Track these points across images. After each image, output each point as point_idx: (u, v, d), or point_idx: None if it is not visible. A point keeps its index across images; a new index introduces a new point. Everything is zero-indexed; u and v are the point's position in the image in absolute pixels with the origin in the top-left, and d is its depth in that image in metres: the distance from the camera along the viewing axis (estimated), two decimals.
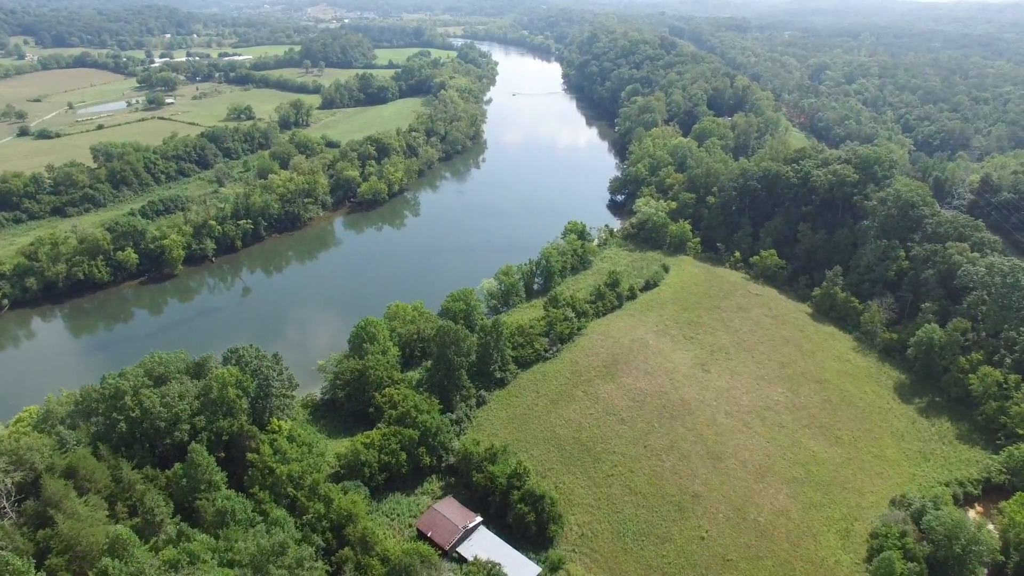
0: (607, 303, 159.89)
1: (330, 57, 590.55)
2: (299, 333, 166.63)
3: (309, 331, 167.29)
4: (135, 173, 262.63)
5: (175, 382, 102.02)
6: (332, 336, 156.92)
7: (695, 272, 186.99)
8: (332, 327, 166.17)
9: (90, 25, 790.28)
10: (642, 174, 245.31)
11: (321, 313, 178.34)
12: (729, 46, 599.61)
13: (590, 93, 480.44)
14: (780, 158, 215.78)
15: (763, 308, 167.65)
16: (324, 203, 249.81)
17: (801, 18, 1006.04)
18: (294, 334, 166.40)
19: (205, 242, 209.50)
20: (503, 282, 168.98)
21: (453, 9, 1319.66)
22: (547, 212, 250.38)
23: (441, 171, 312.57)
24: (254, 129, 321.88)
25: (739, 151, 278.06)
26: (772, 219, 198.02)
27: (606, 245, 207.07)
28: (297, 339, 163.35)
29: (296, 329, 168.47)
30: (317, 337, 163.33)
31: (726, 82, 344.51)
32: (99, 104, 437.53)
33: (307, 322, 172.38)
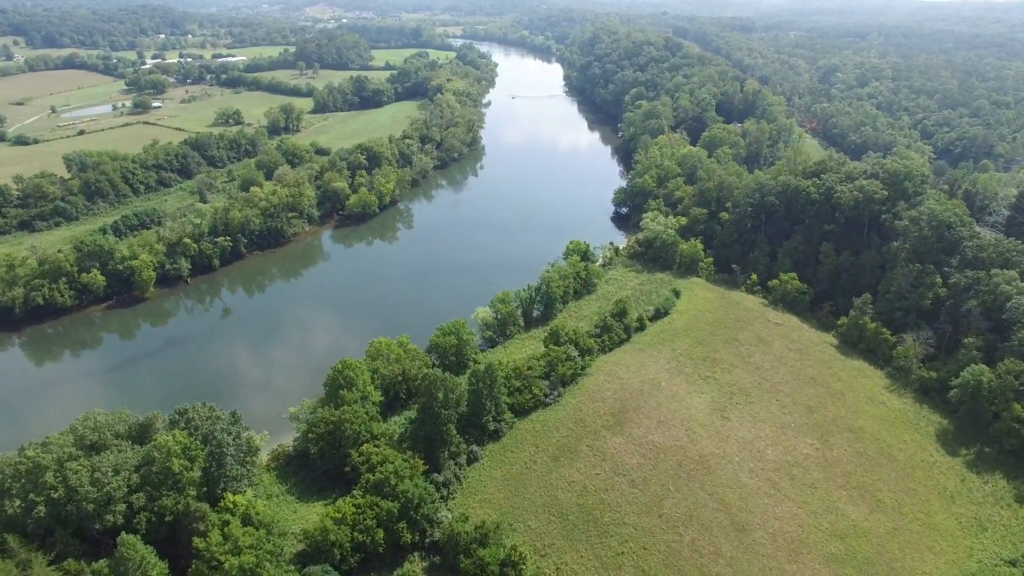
0: (614, 336, 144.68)
1: (325, 59, 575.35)
2: (274, 369, 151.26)
3: (285, 367, 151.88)
4: (111, 184, 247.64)
5: (112, 451, 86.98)
6: (310, 373, 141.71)
7: (709, 297, 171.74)
8: (311, 362, 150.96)
9: (82, 25, 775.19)
10: (649, 186, 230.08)
11: (299, 344, 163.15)
12: (735, 47, 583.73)
13: (592, 96, 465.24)
14: (798, 171, 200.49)
15: (785, 340, 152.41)
16: (310, 217, 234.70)
17: (806, 18, 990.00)
18: (268, 370, 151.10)
19: (179, 262, 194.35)
20: (499, 311, 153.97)
21: (453, 9, 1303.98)
22: (548, 226, 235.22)
23: (436, 180, 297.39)
24: (241, 136, 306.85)
25: (751, 160, 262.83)
26: (791, 238, 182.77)
27: (611, 265, 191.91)
28: (271, 376, 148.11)
29: (271, 364, 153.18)
30: (293, 374, 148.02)
31: (735, 86, 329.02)
32: (84, 108, 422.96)
33: (283, 355, 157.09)
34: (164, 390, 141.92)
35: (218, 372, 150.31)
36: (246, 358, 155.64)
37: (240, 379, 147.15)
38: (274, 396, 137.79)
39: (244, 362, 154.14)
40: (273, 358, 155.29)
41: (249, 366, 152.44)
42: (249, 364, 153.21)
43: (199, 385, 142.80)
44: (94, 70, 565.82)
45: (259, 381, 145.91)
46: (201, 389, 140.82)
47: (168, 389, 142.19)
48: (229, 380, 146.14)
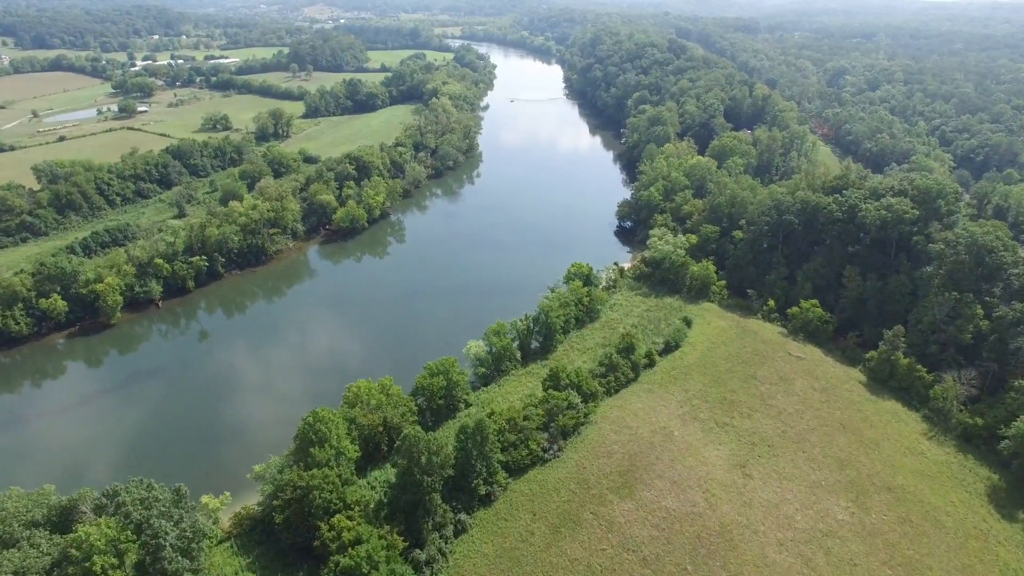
0: (620, 376, 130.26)
1: (319, 60, 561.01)
2: (244, 410, 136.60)
3: (256, 408, 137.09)
4: (84, 196, 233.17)
5: (22, 545, 72.79)
6: (284, 417, 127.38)
7: (723, 326, 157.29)
8: (286, 402, 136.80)
9: (73, 26, 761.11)
10: (655, 199, 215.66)
11: (273, 382, 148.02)
12: (740, 49, 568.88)
13: (593, 99, 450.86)
14: (817, 185, 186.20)
15: (808, 377, 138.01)
16: (295, 232, 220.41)
17: (809, 18, 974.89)
18: (237, 411, 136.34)
19: (150, 284, 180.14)
20: (493, 345, 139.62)
21: (452, 9, 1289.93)
22: (547, 243, 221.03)
23: (430, 189, 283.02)
24: (226, 143, 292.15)
25: (762, 170, 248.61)
26: (811, 260, 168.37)
27: (615, 288, 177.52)
28: (240, 419, 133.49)
29: (240, 405, 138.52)
30: (265, 416, 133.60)
31: (744, 91, 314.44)
32: (68, 112, 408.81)
33: (254, 396, 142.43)
34: (119, 438, 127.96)
35: (183, 413, 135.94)
36: (214, 398, 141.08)
37: (206, 423, 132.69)
38: (243, 445, 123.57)
39: (212, 402, 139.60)
40: (243, 398, 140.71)
41: (217, 407, 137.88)
42: (217, 404, 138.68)
43: (160, 432, 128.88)
44: (82, 72, 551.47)
45: (227, 426, 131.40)
46: (162, 436, 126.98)
47: (123, 437, 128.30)
48: (195, 424, 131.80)
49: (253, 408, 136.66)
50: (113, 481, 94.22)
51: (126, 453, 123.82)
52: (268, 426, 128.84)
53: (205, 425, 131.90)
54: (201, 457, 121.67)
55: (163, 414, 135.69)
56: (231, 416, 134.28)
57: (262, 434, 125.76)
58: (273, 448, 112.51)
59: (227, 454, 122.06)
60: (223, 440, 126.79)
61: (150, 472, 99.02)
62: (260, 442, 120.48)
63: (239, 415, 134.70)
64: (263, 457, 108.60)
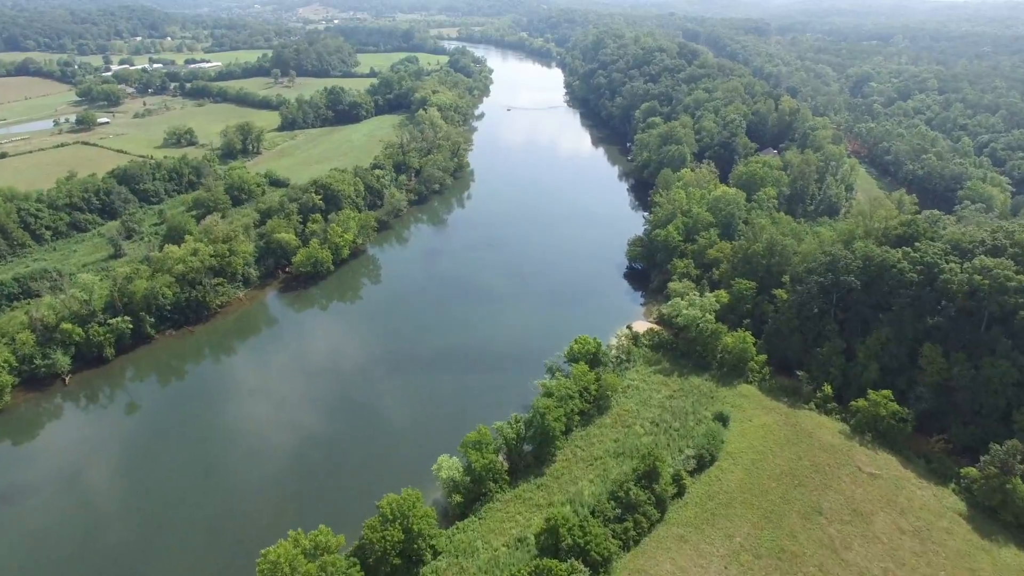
0: (641, 520, 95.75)
1: (303, 65, 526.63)
2: (126, 566, 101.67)
3: (146, 564, 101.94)
4: (2, 232, 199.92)
5: None
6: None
7: (768, 424, 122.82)
8: (187, 557, 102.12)
9: (51, 27, 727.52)
10: (674, 240, 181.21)
11: (176, 523, 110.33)
12: (753, 52, 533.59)
13: (596, 108, 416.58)
14: (874, 229, 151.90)
15: (890, 508, 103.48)
16: (247, 278, 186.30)
17: (819, 18, 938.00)
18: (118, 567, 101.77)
19: (55, 355, 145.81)
20: (473, 462, 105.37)
21: (449, 9, 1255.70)
22: (546, 290, 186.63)
23: (412, 218, 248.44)
24: (182, 164, 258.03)
25: (794, 200, 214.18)
26: (875, 331, 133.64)
27: (628, 362, 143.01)
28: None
29: (124, 553, 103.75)
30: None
31: (769, 104, 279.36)
32: (22, 123, 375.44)
33: (147, 539, 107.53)
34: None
35: (54, 560, 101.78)
36: (92, 540, 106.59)
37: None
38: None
39: (89, 547, 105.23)
40: (130, 544, 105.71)
41: (94, 557, 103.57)
42: (95, 552, 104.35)
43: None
44: (50, 77, 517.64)
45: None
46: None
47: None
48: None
49: (139, 560, 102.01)
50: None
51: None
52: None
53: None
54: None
55: (25, 556, 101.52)
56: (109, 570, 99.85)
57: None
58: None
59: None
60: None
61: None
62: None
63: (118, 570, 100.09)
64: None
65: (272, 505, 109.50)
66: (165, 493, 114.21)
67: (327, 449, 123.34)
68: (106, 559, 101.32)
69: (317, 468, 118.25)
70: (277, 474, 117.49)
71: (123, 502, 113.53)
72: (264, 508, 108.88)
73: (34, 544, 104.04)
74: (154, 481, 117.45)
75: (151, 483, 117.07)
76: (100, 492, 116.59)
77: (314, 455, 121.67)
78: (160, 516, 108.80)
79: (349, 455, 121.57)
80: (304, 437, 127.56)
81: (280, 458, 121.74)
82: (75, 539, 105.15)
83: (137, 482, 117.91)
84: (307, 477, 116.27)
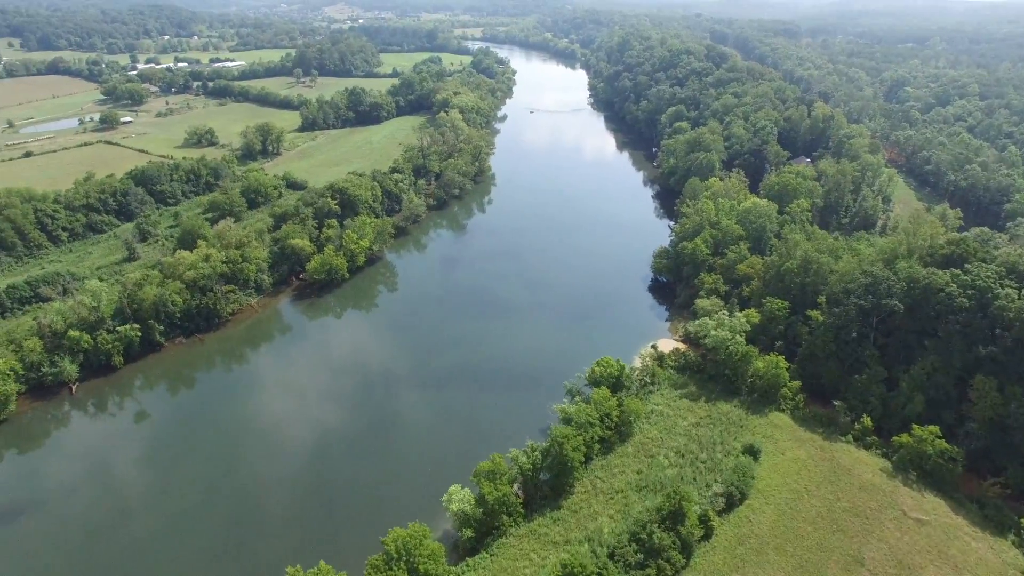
0: (665, 564, 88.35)
1: (326, 65, 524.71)
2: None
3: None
4: (19, 233, 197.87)
5: None
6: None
7: (801, 457, 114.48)
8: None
9: (82, 26, 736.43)
10: (701, 254, 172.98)
11: (170, 555, 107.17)
12: (783, 55, 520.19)
13: (621, 111, 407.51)
14: (919, 247, 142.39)
15: (941, 560, 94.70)
16: (260, 285, 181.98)
17: (851, 20, 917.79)
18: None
19: (62, 363, 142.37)
20: (486, 494, 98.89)
21: (474, 9, 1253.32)
22: (567, 303, 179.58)
23: (431, 224, 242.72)
24: (200, 165, 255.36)
25: (828, 213, 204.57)
26: (921, 360, 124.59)
27: (653, 385, 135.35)
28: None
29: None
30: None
31: (802, 111, 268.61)
32: (49, 121, 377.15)
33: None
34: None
35: (56, 571, 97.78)
36: (91, 553, 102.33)
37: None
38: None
39: (89, 560, 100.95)
40: (126, 558, 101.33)
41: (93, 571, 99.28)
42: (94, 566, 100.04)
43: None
44: (78, 76, 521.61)
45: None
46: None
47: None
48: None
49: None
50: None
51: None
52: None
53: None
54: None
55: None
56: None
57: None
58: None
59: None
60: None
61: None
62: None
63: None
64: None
65: (272, 535, 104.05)
66: (164, 513, 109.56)
67: (333, 473, 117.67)
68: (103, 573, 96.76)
69: (321, 494, 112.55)
70: (279, 499, 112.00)
71: (123, 515, 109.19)
72: (263, 539, 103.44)
73: (36, 557, 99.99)
74: (155, 498, 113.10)
75: (151, 500, 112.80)
76: (103, 504, 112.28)
77: (318, 480, 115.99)
78: (156, 538, 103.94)
79: (356, 480, 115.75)
80: (309, 459, 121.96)
81: (284, 481, 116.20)
82: (76, 552, 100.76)
83: (138, 497, 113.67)
84: (310, 503, 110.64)
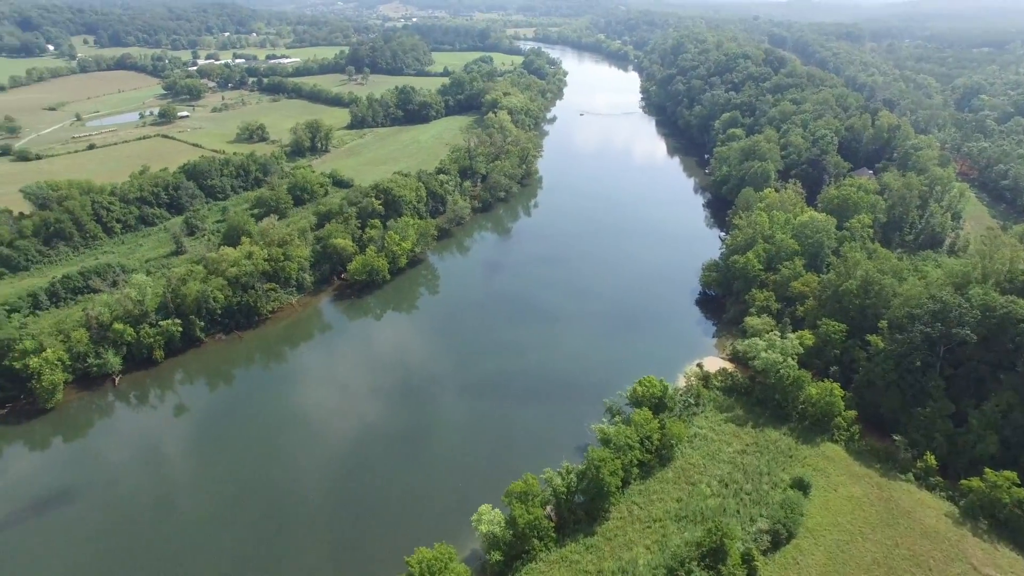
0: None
1: (378, 63, 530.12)
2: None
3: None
4: (77, 224, 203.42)
5: None
6: None
7: (856, 497, 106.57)
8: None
9: (149, 23, 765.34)
10: (753, 269, 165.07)
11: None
12: (845, 60, 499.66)
13: (673, 116, 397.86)
14: (999, 276, 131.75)
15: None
16: (301, 283, 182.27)
17: (919, 23, 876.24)
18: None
19: (107, 355, 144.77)
20: (516, 516, 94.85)
21: (527, 9, 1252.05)
22: (611, 314, 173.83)
23: (476, 226, 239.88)
24: (250, 160, 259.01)
25: (891, 229, 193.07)
26: (994, 395, 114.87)
27: (696, 406, 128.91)
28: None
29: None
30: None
31: (866, 120, 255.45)
32: (113, 115, 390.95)
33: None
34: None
35: (92, 558, 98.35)
36: (121, 545, 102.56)
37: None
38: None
39: (120, 550, 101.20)
40: (152, 552, 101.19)
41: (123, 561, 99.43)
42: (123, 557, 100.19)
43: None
44: (143, 71, 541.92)
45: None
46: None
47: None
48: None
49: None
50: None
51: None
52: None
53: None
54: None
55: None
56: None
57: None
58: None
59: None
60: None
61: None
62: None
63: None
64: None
65: (296, 541, 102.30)
66: (195, 509, 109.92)
67: (363, 479, 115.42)
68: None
69: (349, 501, 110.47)
70: (307, 503, 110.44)
71: (158, 508, 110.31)
72: (287, 545, 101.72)
73: (76, 544, 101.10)
74: (188, 493, 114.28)
75: (185, 493, 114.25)
76: (140, 495, 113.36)
77: (348, 486, 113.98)
78: (184, 534, 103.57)
79: (385, 488, 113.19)
80: (341, 463, 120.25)
81: (313, 484, 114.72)
82: (114, 539, 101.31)
83: (172, 490, 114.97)
84: (338, 510, 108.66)
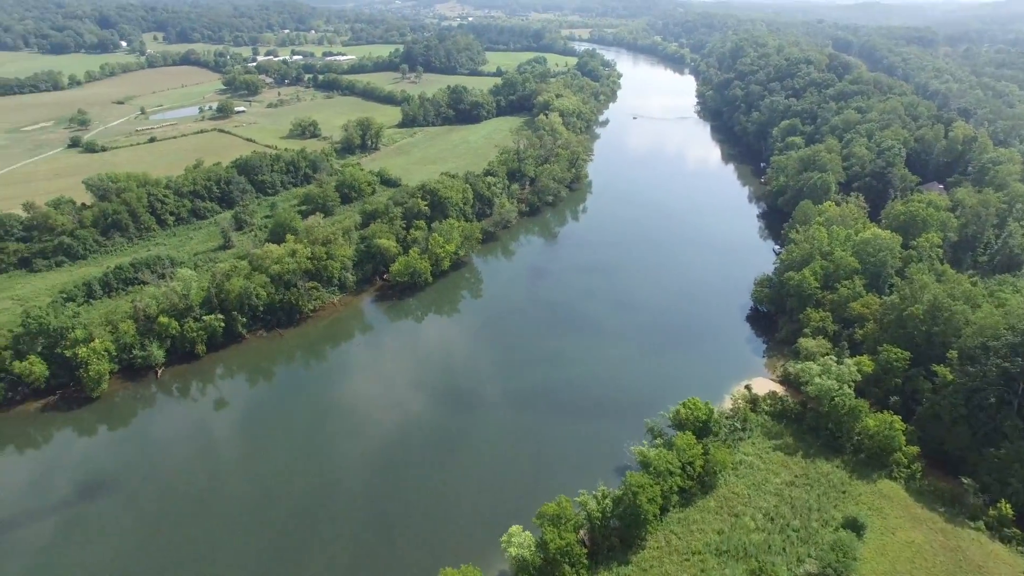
0: None
1: (432, 62, 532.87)
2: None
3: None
4: (133, 216, 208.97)
5: None
6: None
7: (917, 541, 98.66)
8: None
9: (214, 20, 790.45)
10: (809, 287, 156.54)
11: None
12: (916, 66, 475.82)
13: (730, 122, 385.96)
14: None
15: None
16: (343, 283, 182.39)
17: (999, 26, 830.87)
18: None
19: (151, 347, 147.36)
20: (548, 540, 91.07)
21: (583, 10, 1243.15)
22: (658, 327, 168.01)
23: (522, 230, 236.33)
24: (300, 157, 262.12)
25: (962, 249, 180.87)
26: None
27: (743, 431, 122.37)
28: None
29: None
30: None
31: (938, 131, 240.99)
32: (175, 109, 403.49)
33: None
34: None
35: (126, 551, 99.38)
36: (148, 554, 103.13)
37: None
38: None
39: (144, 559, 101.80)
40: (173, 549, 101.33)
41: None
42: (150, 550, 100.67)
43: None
44: (206, 67, 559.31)
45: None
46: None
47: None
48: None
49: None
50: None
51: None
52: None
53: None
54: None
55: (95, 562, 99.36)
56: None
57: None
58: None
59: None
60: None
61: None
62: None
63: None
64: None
65: (322, 550, 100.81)
66: (228, 504, 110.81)
67: (394, 486, 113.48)
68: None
69: (378, 510, 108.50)
70: (336, 509, 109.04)
71: (193, 501, 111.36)
72: (313, 553, 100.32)
73: (117, 534, 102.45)
74: (224, 487, 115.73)
75: (221, 488, 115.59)
76: (177, 487, 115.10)
77: (378, 493, 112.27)
78: (215, 530, 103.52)
79: (415, 498, 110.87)
80: (374, 468, 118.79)
81: (344, 490, 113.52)
82: (150, 528, 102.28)
83: (208, 484, 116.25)
84: (366, 519, 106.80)
